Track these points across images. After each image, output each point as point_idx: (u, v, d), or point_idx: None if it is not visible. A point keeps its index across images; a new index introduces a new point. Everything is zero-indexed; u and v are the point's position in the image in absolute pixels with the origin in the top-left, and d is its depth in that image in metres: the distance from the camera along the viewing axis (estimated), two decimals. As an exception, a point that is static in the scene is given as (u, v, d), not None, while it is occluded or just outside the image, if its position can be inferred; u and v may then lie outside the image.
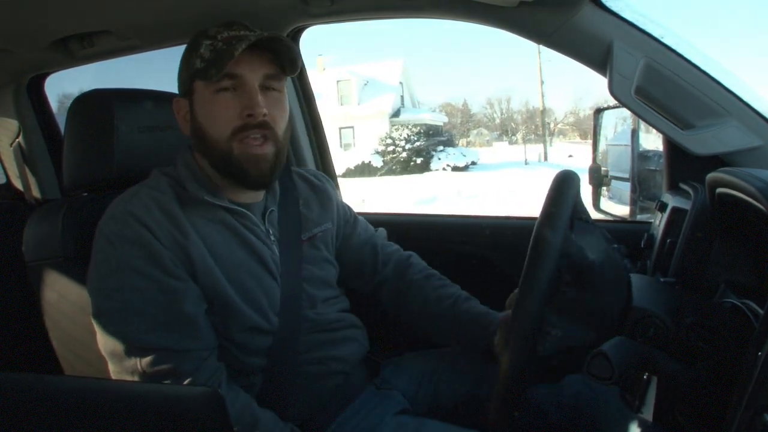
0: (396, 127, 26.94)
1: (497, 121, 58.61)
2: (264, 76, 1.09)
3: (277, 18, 1.53)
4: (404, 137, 25.97)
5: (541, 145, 32.82)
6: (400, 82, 30.18)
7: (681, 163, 1.29)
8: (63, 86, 2.14)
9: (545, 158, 30.33)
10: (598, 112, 1.67)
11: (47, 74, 1.96)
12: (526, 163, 26.93)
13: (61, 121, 2.03)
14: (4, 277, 1.83)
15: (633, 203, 1.65)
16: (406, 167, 24.83)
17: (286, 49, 1.09)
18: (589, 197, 1.59)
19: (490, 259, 1.67)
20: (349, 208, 1.45)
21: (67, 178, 1.30)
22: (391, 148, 25.71)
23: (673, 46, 1.12)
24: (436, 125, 30.01)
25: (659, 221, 1.30)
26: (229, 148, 1.07)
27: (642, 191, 1.63)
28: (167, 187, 1.10)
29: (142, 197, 1.06)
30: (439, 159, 25.64)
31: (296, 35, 1.69)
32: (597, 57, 1.14)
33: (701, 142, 1.13)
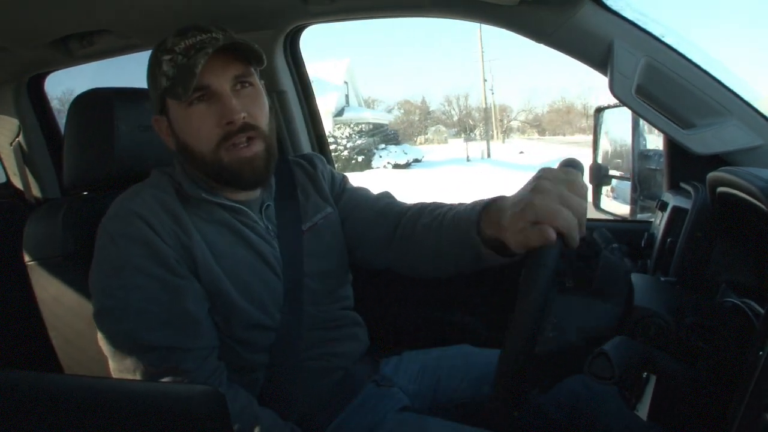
0: (338, 126, 26.94)
1: (455, 118, 59.23)
2: (233, 78, 1.07)
3: (277, 17, 1.52)
4: (346, 135, 26.16)
5: (500, 141, 33.17)
6: (345, 82, 29.95)
7: (681, 162, 1.29)
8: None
9: (488, 155, 30.93)
10: (599, 111, 1.66)
11: (47, 73, 1.96)
12: (468, 160, 27.35)
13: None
14: (3, 276, 1.83)
15: (633, 202, 1.65)
16: (347, 165, 24.91)
17: (245, 47, 1.07)
18: (590, 196, 1.59)
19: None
20: (342, 177, 1.41)
21: (67, 177, 1.30)
22: (333, 147, 25.83)
23: (674, 45, 1.12)
24: (381, 123, 30.35)
25: (660, 220, 1.30)
26: (218, 158, 1.07)
27: (642, 190, 1.63)
28: (169, 186, 1.10)
29: (145, 196, 1.06)
30: (380, 157, 25.93)
31: (296, 34, 1.69)
32: (598, 56, 1.14)
33: (702, 141, 1.13)
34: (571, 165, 0.89)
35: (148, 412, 0.46)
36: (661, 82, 1.12)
